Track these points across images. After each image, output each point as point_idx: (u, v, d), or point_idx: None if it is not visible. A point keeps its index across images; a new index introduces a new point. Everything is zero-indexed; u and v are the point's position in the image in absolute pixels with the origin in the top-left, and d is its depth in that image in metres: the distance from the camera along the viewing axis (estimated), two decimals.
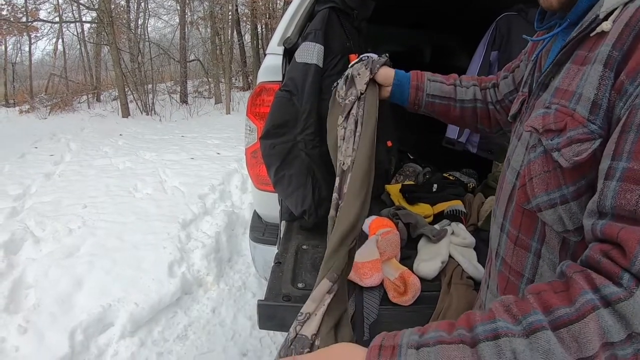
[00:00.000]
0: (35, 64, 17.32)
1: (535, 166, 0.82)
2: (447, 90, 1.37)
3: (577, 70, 0.78)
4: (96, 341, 2.67)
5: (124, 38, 13.60)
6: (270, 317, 1.52)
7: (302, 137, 1.91)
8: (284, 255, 1.83)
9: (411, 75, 1.38)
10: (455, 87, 1.37)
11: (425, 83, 1.36)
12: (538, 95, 0.90)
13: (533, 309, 0.63)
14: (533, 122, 0.82)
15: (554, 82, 0.84)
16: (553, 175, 0.78)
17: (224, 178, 5.49)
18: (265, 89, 2.11)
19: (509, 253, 0.93)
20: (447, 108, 1.37)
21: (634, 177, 0.63)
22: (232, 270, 3.56)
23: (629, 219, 0.63)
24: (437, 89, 1.36)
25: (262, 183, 2.23)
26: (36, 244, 3.69)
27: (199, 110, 11.78)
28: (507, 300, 0.67)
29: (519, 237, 0.90)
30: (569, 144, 0.74)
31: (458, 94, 1.36)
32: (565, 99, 0.78)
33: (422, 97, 1.36)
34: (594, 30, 0.76)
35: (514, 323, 0.62)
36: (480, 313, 0.66)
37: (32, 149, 7.34)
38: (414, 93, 1.37)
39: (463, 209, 2.13)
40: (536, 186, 0.81)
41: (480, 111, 1.36)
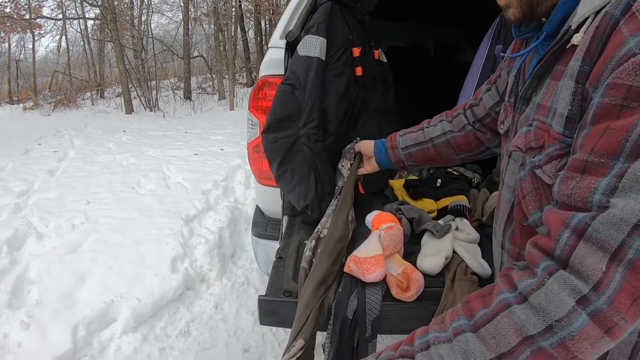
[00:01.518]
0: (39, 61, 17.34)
1: (525, 184, 0.83)
2: (415, 136, 1.49)
3: (555, 85, 0.78)
4: (99, 337, 2.67)
5: (127, 34, 13.57)
6: (271, 313, 1.51)
7: (305, 131, 1.90)
8: (285, 250, 1.81)
9: (387, 139, 1.57)
10: (422, 129, 1.48)
11: (398, 140, 1.52)
12: (521, 110, 0.90)
13: (459, 315, 0.71)
14: (517, 141, 0.84)
15: (535, 97, 0.85)
16: (543, 192, 0.80)
17: (228, 174, 5.49)
18: (268, 83, 2.10)
19: None
20: (423, 152, 1.48)
21: (577, 166, 0.66)
22: (235, 266, 3.55)
23: (564, 204, 0.67)
24: (407, 139, 1.50)
25: (265, 178, 2.21)
26: (39, 240, 3.69)
27: (203, 107, 11.77)
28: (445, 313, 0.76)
29: (519, 253, 0.90)
30: (549, 161, 0.76)
31: (426, 135, 1.46)
32: (543, 115, 0.79)
33: (399, 154, 1.51)
34: (569, 42, 0.76)
35: (444, 331, 0.71)
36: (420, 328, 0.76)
37: (35, 146, 7.35)
38: (392, 153, 1.53)
39: (467, 204, 2.11)
40: (529, 203, 0.83)
41: (454, 140, 1.41)
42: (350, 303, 1.44)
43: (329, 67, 1.98)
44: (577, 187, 0.65)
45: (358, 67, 2.13)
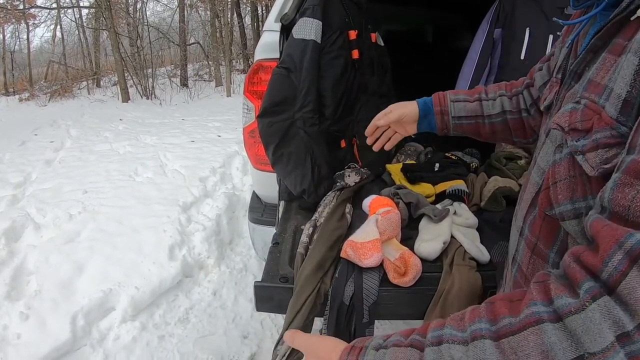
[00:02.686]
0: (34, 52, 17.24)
1: (560, 169, 0.74)
2: (472, 108, 1.30)
3: (613, 61, 0.67)
4: (98, 326, 2.67)
5: (122, 22, 13.47)
6: (267, 299, 1.50)
7: (301, 115, 1.88)
8: (282, 235, 1.80)
9: (433, 101, 1.33)
10: (480, 102, 1.30)
11: (449, 106, 1.31)
12: (570, 85, 0.79)
13: (480, 317, 0.62)
14: (560, 118, 0.73)
15: (587, 72, 0.73)
16: (579, 182, 0.70)
17: (225, 160, 5.46)
18: (263, 67, 2.07)
19: (525, 261, 0.86)
20: (476, 127, 1.31)
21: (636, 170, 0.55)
22: (233, 253, 3.55)
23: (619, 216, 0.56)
24: (461, 109, 1.30)
25: (261, 163, 2.19)
26: (37, 231, 3.68)
27: (200, 94, 11.72)
28: (465, 310, 0.67)
29: (537, 245, 0.82)
30: (595, 148, 0.64)
31: (485, 109, 1.29)
32: (595, 94, 0.68)
33: (448, 121, 1.32)
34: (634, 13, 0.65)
35: (461, 330, 0.62)
36: (437, 320, 0.68)
37: (32, 137, 7.31)
38: (440, 119, 1.32)
39: (465, 188, 2.09)
40: (560, 192, 0.73)
41: (512, 122, 1.27)
42: (347, 288, 1.43)
43: (325, 50, 1.95)
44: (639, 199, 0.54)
45: (354, 50, 2.10)
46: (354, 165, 2.13)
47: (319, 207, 1.86)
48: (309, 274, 1.44)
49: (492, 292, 1.48)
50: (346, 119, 2.12)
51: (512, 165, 2.25)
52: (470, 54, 2.68)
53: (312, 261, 1.49)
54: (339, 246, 1.57)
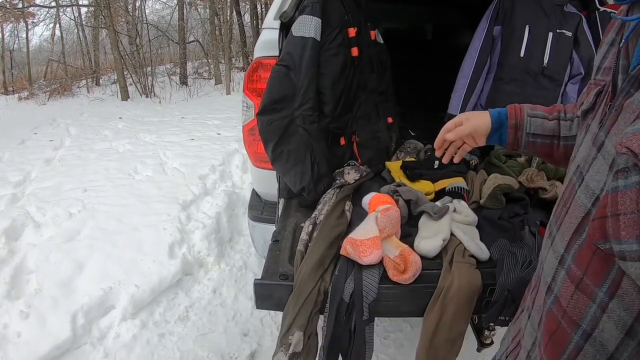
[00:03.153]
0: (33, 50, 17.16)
1: (626, 199, 0.61)
2: (550, 127, 1.16)
3: None
4: (98, 324, 2.67)
5: (121, 21, 13.43)
6: (267, 297, 1.50)
7: (300, 113, 1.88)
8: (281, 233, 1.80)
9: (509, 112, 1.20)
10: (559, 121, 1.16)
11: (525, 120, 1.18)
12: (629, 93, 0.66)
13: None
14: (629, 141, 0.60)
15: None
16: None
17: (225, 158, 5.46)
18: (262, 65, 2.07)
19: (566, 295, 0.76)
20: (550, 148, 1.17)
21: None
22: (232, 251, 3.55)
23: None
24: (538, 126, 1.17)
25: (260, 160, 2.19)
26: (37, 229, 3.67)
27: (199, 92, 11.69)
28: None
29: (582, 280, 0.72)
30: None
31: (562, 130, 1.16)
32: None
33: (521, 137, 1.18)
34: None
35: None
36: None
37: (31, 135, 7.29)
38: (513, 133, 1.19)
39: (465, 186, 2.09)
40: (624, 227, 0.61)
41: None
42: (346, 286, 1.43)
43: (324, 48, 1.96)
44: None
45: (354, 47, 2.10)
46: (353, 162, 2.13)
47: (319, 204, 1.86)
48: (309, 272, 1.44)
49: (492, 289, 1.48)
50: (345, 117, 2.12)
51: (511, 162, 2.25)
52: (470, 51, 2.68)
53: (311, 259, 1.49)
54: (338, 244, 1.58)
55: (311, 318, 1.40)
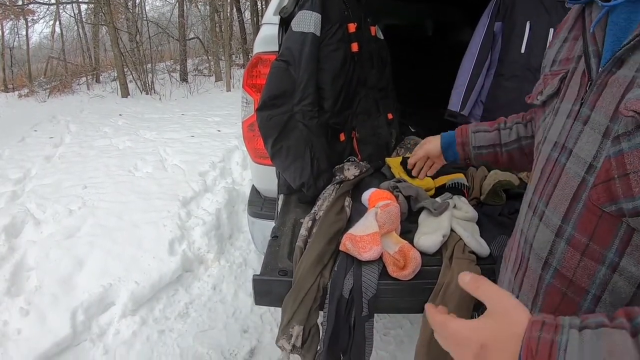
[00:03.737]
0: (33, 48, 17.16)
1: (632, 159, 0.67)
2: (491, 137, 1.35)
3: None
4: (97, 321, 2.67)
5: (121, 17, 13.42)
6: (266, 293, 1.50)
7: (300, 108, 1.87)
8: (281, 229, 1.79)
9: (456, 133, 1.42)
10: (499, 131, 1.35)
11: (470, 137, 1.38)
12: (611, 71, 0.74)
13: None
14: (635, 105, 0.66)
15: (638, 57, 0.70)
16: None
17: (225, 155, 5.46)
18: (262, 60, 2.06)
19: (570, 265, 0.78)
20: (495, 155, 1.36)
21: None
22: (232, 247, 3.54)
23: None
24: (481, 139, 1.37)
25: (260, 156, 2.19)
26: (37, 226, 3.68)
27: (199, 88, 11.70)
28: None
29: (589, 246, 0.75)
30: None
31: (502, 138, 1.33)
32: None
33: (470, 151, 1.39)
34: None
35: None
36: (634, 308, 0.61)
37: (31, 132, 7.29)
38: (462, 149, 1.40)
39: (465, 182, 2.09)
40: (636, 185, 0.66)
41: (528, 148, 1.26)
42: (346, 282, 1.42)
43: (324, 43, 1.95)
44: None
45: (354, 43, 2.09)
46: (353, 158, 2.12)
47: (318, 200, 1.86)
48: (308, 268, 1.44)
49: None
50: (345, 112, 2.11)
51: None
52: (470, 47, 2.67)
53: (311, 254, 1.49)
54: (338, 239, 1.57)
55: (311, 314, 1.40)
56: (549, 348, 0.59)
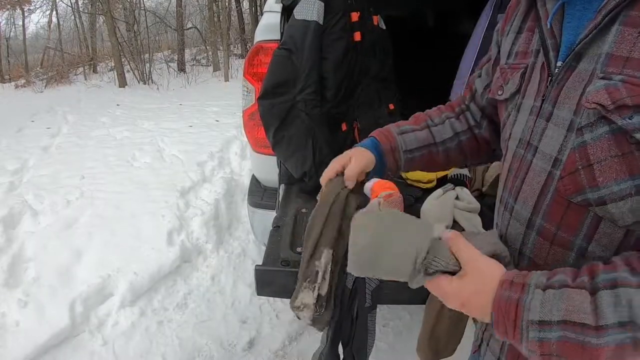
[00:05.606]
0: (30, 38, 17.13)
1: (595, 150, 0.69)
2: (422, 137, 1.16)
3: (637, 34, 0.66)
4: (96, 312, 2.66)
5: (119, 7, 13.33)
6: (268, 283, 1.48)
7: (302, 97, 1.86)
8: (282, 219, 1.78)
9: (380, 140, 1.16)
10: (429, 129, 1.17)
11: (397, 140, 1.15)
12: (571, 66, 0.75)
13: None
14: (596, 97, 0.68)
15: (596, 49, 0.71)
16: (626, 161, 0.67)
17: (223, 145, 5.44)
18: (263, 49, 2.04)
19: (541, 253, 0.82)
20: (430, 156, 1.17)
21: None
22: (231, 238, 3.53)
23: None
24: (412, 140, 1.15)
25: (261, 146, 2.17)
26: (35, 217, 3.65)
27: (197, 78, 11.65)
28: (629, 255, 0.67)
29: (557, 234, 0.79)
30: None
31: (436, 136, 1.16)
32: (632, 68, 0.66)
33: (399, 158, 1.15)
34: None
35: (633, 274, 0.62)
36: (603, 264, 0.67)
37: (29, 123, 7.25)
38: (391, 157, 1.15)
39: (467, 173, 2.08)
40: (599, 174, 0.69)
41: (467, 143, 1.17)
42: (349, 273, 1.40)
43: (327, 32, 1.93)
44: None
45: (356, 32, 2.07)
46: None
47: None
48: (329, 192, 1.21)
49: None
50: (347, 102, 2.09)
51: None
52: (473, 39, 2.65)
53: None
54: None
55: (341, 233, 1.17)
56: (515, 307, 0.66)
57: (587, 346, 0.62)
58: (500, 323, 0.69)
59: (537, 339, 0.65)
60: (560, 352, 0.64)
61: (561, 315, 0.63)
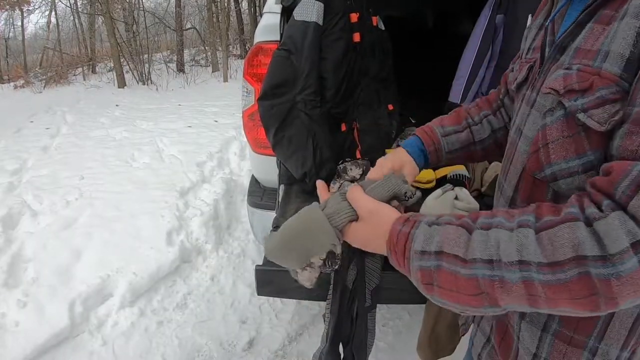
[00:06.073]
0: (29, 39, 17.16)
1: (552, 131, 0.77)
2: (463, 138, 1.24)
3: (601, 29, 0.73)
4: (96, 312, 2.66)
5: (118, 7, 13.33)
6: (268, 283, 1.49)
7: (302, 97, 1.86)
8: (282, 219, 1.77)
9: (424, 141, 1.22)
10: (469, 129, 1.24)
11: (442, 142, 1.22)
12: (554, 58, 0.83)
13: (529, 212, 0.69)
14: (553, 83, 0.77)
15: (572, 44, 0.79)
16: (574, 141, 0.74)
17: (222, 145, 5.44)
18: (263, 50, 2.04)
19: None
20: (469, 154, 1.27)
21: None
22: (231, 238, 3.53)
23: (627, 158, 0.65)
24: (454, 142, 1.23)
25: (260, 146, 2.17)
26: (34, 218, 3.65)
27: (196, 79, 11.65)
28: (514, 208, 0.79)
29: None
30: (600, 104, 0.70)
31: (475, 136, 1.24)
32: (587, 59, 0.73)
33: (442, 157, 1.25)
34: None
35: (509, 220, 0.69)
36: (488, 211, 0.75)
37: (28, 123, 7.24)
38: (435, 156, 1.23)
39: (466, 173, 2.08)
40: (553, 152, 0.77)
41: (503, 137, 1.22)
42: (349, 272, 1.41)
43: (326, 32, 1.93)
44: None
45: (356, 33, 2.07)
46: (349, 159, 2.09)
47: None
48: None
49: None
50: (347, 102, 2.10)
51: None
52: (472, 39, 2.66)
53: None
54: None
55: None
56: (405, 239, 0.74)
57: (458, 275, 0.69)
58: (393, 254, 0.77)
59: (418, 267, 0.72)
60: (438, 280, 0.71)
61: (438, 246, 0.71)
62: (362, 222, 0.85)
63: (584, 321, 0.80)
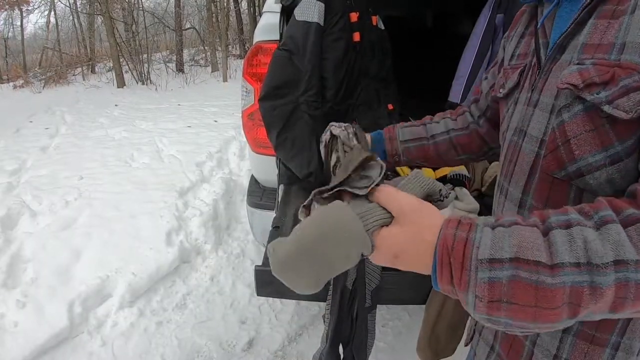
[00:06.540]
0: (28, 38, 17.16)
1: (571, 127, 0.75)
2: (417, 131, 1.34)
3: (607, 24, 0.73)
4: (95, 313, 2.66)
5: (117, 7, 13.33)
6: (268, 283, 1.48)
7: (305, 99, 1.85)
8: (282, 219, 1.77)
9: (384, 131, 1.37)
10: (425, 125, 1.35)
11: (397, 132, 1.35)
12: (554, 59, 0.83)
13: (605, 206, 0.64)
14: (569, 78, 0.74)
15: (575, 41, 0.79)
16: (598, 134, 0.72)
17: (222, 145, 5.44)
18: (262, 49, 2.04)
19: None
20: (422, 148, 1.32)
21: None
22: (230, 238, 3.53)
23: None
24: (407, 133, 1.34)
25: (260, 146, 2.17)
26: (33, 218, 3.64)
27: (196, 79, 11.66)
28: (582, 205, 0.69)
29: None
30: (625, 93, 0.68)
31: (428, 131, 1.33)
32: (600, 52, 0.73)
33: (396, 146, 1.33)
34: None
35: (586, 218, 0.63)
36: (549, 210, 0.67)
37: (27, 123, 7.24)
38: (389, 145, 1.34)
39: (466, 173, 2.08)
40: (576, 148, 0.74)
41: (458, 138, 1.30)
42: (349, 273, 1.41)
43: (327, 32, 1.93)
44: None
45: (356, 32, 2.07)
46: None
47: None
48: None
49: None
50: (347, 102, 2.09)
51: None
52: (472, 39, 2.65)
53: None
54: None
55: None
56: (464, 246, 0.62)
57: (540, 286, 0.58)
58: (445, 267, 0.63)
59: (487, 279, 0.59)
60: (511, 294, 0.59)
61: (513, 251, 0.59)
62: (399, 225, 0.68)
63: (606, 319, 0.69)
